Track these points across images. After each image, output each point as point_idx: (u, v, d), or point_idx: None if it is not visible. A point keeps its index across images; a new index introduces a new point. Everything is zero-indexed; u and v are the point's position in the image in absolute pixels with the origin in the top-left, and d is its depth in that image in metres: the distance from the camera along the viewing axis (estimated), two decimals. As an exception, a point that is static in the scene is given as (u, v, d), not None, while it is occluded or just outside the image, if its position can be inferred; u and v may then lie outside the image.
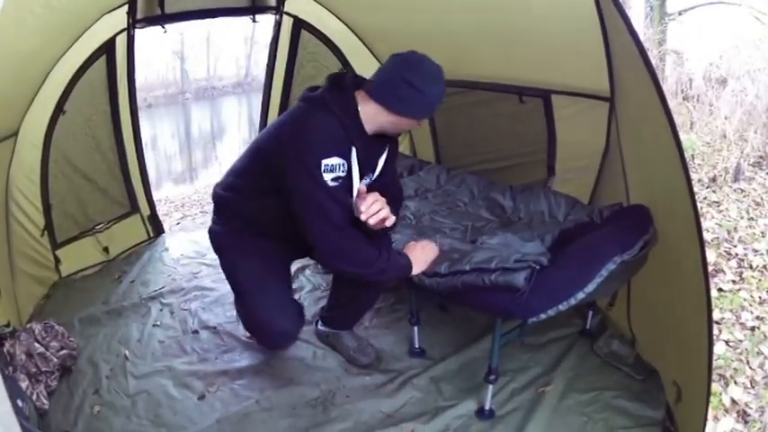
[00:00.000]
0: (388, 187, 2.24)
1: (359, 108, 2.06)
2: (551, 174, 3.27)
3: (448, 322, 2.93)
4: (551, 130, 3.20)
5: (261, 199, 2.24)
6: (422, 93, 2.00)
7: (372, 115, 2.07)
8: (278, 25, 4.26)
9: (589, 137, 2.93)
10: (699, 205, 1.78)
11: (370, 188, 2.15)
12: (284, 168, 2.01)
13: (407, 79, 1.99)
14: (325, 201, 2.00)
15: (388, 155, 2.29)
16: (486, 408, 2.30)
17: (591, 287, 2.00)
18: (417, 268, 2.25)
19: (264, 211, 2.26)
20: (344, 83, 2.10)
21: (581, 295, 2.00)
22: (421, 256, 2.28)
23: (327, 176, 1.98)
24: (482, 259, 2.13)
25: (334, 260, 2.15)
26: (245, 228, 2.37)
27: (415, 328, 2.71)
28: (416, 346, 2.73)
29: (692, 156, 6.39)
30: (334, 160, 1.99)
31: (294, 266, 3.29)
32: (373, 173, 2.24)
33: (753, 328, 3.34)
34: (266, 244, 2.38)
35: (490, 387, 2.28)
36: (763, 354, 3.07)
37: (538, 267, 2.02)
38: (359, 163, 2.09)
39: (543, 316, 2.01)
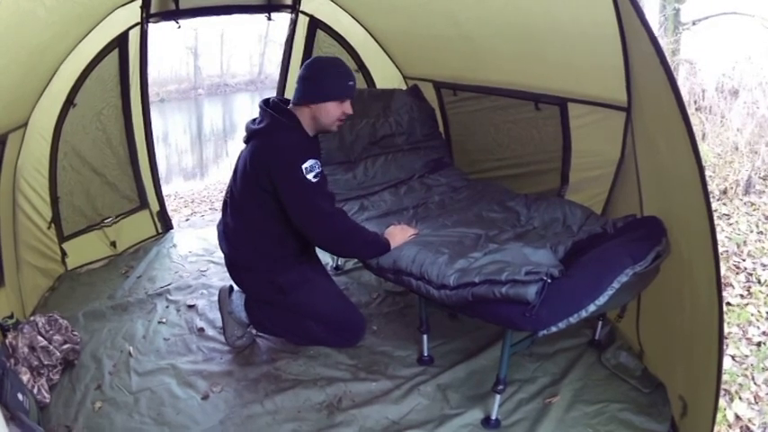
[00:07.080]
0: None
1: (299, 119, 2.51)
2: (565, 182, 3.23)
3: (457, 330, 2.90)
4: (567, 138, 3.16)
5: (274, 218, 2.55)
6: (313, 78, 2.47)
7: (306, 118, 2.51)
8: (293, 24, 4.26)
9: (605, 146, 2.90)
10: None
11: None
12: (275, 183, 2.42)
13: (302, 76, 2.50)
14: (315, 196, 2.44)
15: None
16: (493, 417, 2.27)
17: (603, 299, 1.97)
18: (394, 243, 2.54)
19: (282, 224, 2.56)
20: (277, 104, 2.55)
21: (592, 308, 1.96)
22: (398, 234, 2.59)
23: (309, 176, 2.40)
24: (493, 270, 2.11)
25: (332, 245, 2.63)
26: (284, 256, 2.69)
27: (424, 336, 2.68)
28: (425, 354, 2.70)
29: (704, 167, 6.35)
30: (310, 162, 2.40)
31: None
32: None
33: (759, 344, 3.32)
34: (308, 262, 2.81)
35: (497, 397, 2.26)
36: (768, 370, 3.04)
37: (549, 281, 1.98)
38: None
39: (554, 329, 1.97)
